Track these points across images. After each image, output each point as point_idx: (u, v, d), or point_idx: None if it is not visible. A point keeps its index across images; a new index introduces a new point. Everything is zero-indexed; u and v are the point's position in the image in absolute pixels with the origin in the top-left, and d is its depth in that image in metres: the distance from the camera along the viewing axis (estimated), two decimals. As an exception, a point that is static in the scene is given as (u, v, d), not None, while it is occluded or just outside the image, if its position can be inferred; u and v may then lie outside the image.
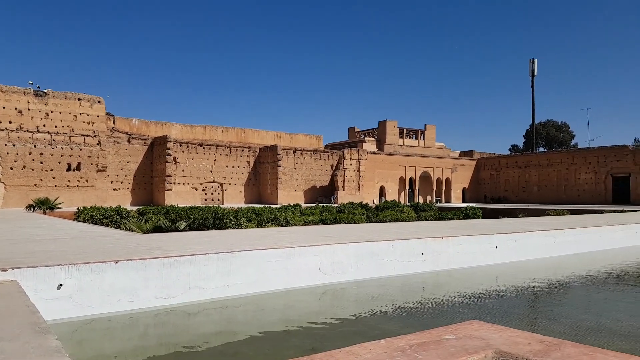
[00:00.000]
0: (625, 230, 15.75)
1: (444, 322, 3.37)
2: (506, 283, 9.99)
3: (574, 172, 47.73)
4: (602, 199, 44.84)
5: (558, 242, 13.24)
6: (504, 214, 30.17)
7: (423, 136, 59.86)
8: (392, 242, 9.84)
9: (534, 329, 6.43)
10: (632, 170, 43.30)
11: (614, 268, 11.88)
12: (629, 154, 43.85)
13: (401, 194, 51.94)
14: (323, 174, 47.69)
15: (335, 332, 6.43)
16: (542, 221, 18.08)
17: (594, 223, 16.52)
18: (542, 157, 52.11)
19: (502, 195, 54.12)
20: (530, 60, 63.02)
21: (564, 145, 75.15)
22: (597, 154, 46.25)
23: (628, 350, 5.38)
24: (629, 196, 43.19)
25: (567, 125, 79.71)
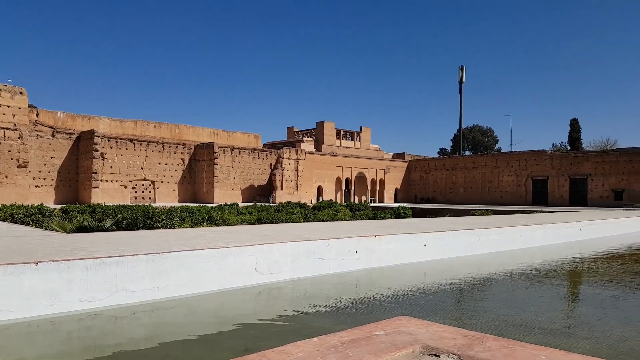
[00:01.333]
0: (543, 229, 16.98)
1: (375, 319, 3.46)
2: (434, 279, 10.44)
3: (497, 175, 50.77)
4: (522, 200, 48.04)
5: (482, 240, 14.03)
6: (432, 213, 31.51)
7: (359, 138, 61.10)
8: (328, 241, 9.96)
9: (459, 323, 6.77)
10: (550, 174, 46.77)
11: (533, 265, 12.76)
12: (547, 159, 47.32)
13: (338, 194, 52.71)
14: (261, 173, 47.32)
15: (270, 332, 6.40)
16: (467, 221, 19.06)
17: (515, 223, 17.67)
18: (468, 160, 54.98)
19: (431, 196, 56.47)
20: (459, 67, 66.23)
21: (489, 149, 79.78)
22: (518, 158, 49.49)
23: (546, 343, 5.80)
24: (547, 198, 46.62)
25: (492, 130, 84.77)
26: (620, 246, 17.67)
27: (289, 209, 24.75)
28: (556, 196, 45.94)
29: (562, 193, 45.65)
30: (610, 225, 21.79)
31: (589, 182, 44.00)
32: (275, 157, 48.01)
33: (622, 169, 41.94)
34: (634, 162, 41.21)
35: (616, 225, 22.36)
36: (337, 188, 52.87)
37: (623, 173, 41.87)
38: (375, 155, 60.16)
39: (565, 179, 45.56)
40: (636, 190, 40.94)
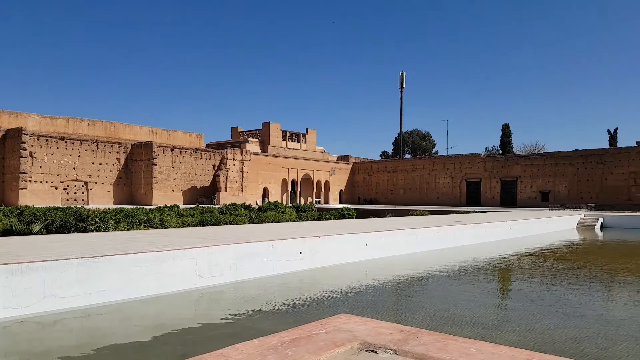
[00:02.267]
0: (475, 228, 17.84)
1: (317, 317, 3.51)
2: (375, 277, 10.69)
3: (434, 177, 52.77)
4: (457, 201, 50.20)
5: (419, 239, 14.54)
6: (374, 214, 32.24)
7: (305, 140, 61.32)
8: (272, 242, 9.94)
9: (397, 319, 6.98)
10: (482, 176, 49.20)
11: (466, 262, 13.37)
12: (480, 162, 49.75)
13: (284, 195, 52.59)
14: (204, 174, 46.27)
15: (209, 336, 6.29)
16: (406, 221, 19.68)
17: (450, 222, 18.44)
18: (408, 163, 56.76)
19: (373, 197, 57.72)
20: (400, 72, 68.10)
21: (427, 152, 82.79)
22: (454, 161, 51.71)
23: (476, 336, 6.11)
24: (480, 199, 48.99)
25: (430, 134, 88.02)
26: (544, 244, 18.92)
27: (233, 210, 24.39)
28: (488, 197, 48.42)
29: (494, 194, 48.18)
30: (536, 224, 23.28)
31: (519, 184, 46.74)
32: (219, 157, 47.12)
33: (548, 171, 44.91)
34: (559, 165, 44.25)
35: (542, 224, 23.92)
36: (283, 189, 52.75)
37: (549, 175, 44.84)
38: (321, 157, 60.64)
39: (497, 181, 48.13)
40: (561, 192, 43.99)
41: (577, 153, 43.52)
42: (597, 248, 19.64)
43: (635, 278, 11.65)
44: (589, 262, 14.36)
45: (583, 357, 5.40)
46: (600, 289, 10.14)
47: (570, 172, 43.66)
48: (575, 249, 18.49)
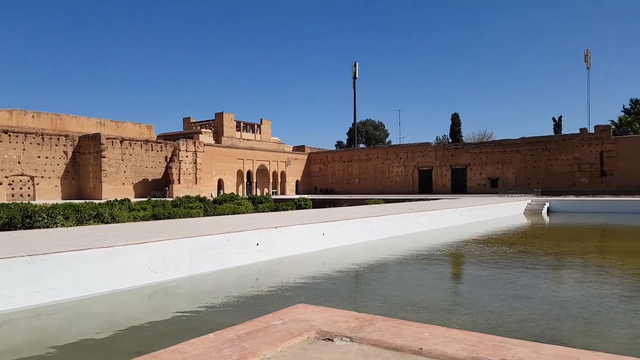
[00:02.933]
0: (427, 216, 18.35)
1: (275, 309, 3.50)
2: (332, 267, 10.81)
3: (388, 166, 53.77)
4: (410, 189, 51.43)
5: (374, 227, 14.80)
6: (331, 204, 32.51)
7: (259, 130, 60.74)
8: (228, 234, 9.82)
9: (354, 307, 7.10)
10: (434, 164, 50.58)
11: (419, 249, 13.75)
12: (431, 150, 51.10)
13: (240, 187, 52.01)
14: (156, 166, 44.97)
15: (165, 332, 6.17)
16: (362, 209, 19.97)
17: (403, 210, 18.88)
18: (362, 152, 57.52)
19: (329, 187, 58.17)
20: (353, 63, 68.54)
21: (380, 142, 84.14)
22: (406, 150, 52.85)
23: (430, 320, 6.31)
24: (432, 186, 50.39)
25: (383, 124, 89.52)
26: (494, 229, 19.74)
27: (187, 203, 23.88)
28: (440, 185, 49.88)
29: (445, 182, 49.67)
30: (486, 210, 24.22)
31: (468, 172, 48.39)
32: (171, 149, 45.91)
33: (497, 159, 46.70)
34: (507, 153, 46.09)
35: (491, 210, 24.91)
36: (238, 181, 52.14)
37: (498, 163, 46.65)
38: (277, 148, 60.31)
39: (448, 169, 49.62)
40: (509, 178, 45.89)
41: (524, 140, 45.45)
42: (543, 232, 20.68)
43: (579, 260, 12.37)
44: (535, 245, 15.11)
45: (531, 337, 5.69)
46: (547, 271, 10.70)
47: (518, 159, 45.56)
48: (523, 233, 19.39)
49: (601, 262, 11.89)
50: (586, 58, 53.79)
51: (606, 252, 14.18)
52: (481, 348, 2.75)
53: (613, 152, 40.46)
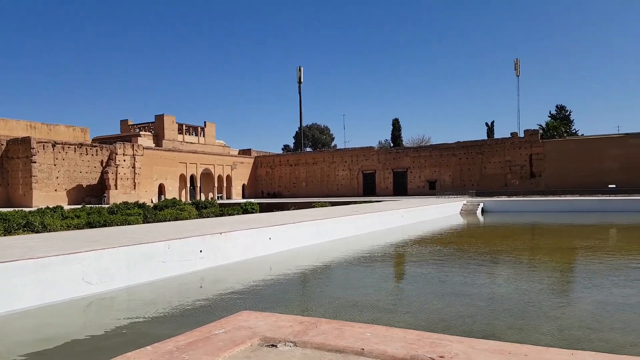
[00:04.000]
0: (371, 217, 18.74)
1: (218, 317, 3.44)
2: (279, 271, 10.77)
3: (334, 170, 54.43)
4: (355, 192, 52.32)
5: (321, 230, 14.92)
6: (278, 207, 32.38)
7: (203, 133, 59.45)
8: (169, 242, 9.53)
9: (300, 311, 7.11)
10: (377, 168, 51.77)
11: (364, 250, 14.01)
12: (374, 154, 52.29)
13: (182, 192, 50.59)
14: (91, 171, 42.82)
15: (100, 347, 5.88)
16: (308, 213, 20.07)
17: (348, 212, 19.16)
18: (309, 156, 57.87)
19: (277, 191, 57.96)
20: (297, 68, 68.75)
21: (326, 146, 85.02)
22: (351, 154, 53.77)
23: (373, 320, 6.44)
24: (375, 189, 51.53)
25: (329, 128, 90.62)
26: (433, 229, 20.47)
27: (125, 210, 22.92)
28: (383, 187, 51.13)
29: (387, 184, 51.00)
30: (425, 211, 25.08)
31: (409, 174, 49.98)
32: (107, 153, 43.90)
33: (434, 162, 48.53)
34: (443, 156, 48.00)
35: (430, 211, 25.83)
36: (181, 186, 50.70)
37: (436, 166, 48.48)
38: (222, 151, 59.27)
39: (390, 172, 50.99)
40: (446, 180, 47.77)
41: (460, 144, 47.54)
42: (478, 231, 21.69)
43: (512, 257, 13.08)
44: (471, 244, 15.82)
45: (467, 333, 5.95)
46: (482, 269, 11.22)
47: (454, 162, 47.57)
48: (459, 233, 20.24)
49: (531, 259, 12.65)
50: (516, 66, 57.08)
51: (535, 249, 15.10)
52: (420, 346, 2.84)
53: (541, 154, 43.18)
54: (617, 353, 4.89)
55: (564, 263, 11.84)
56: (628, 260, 11.57)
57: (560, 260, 12.26)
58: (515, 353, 3.25)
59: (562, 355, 3.38)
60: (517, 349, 3.34)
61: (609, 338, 5.52)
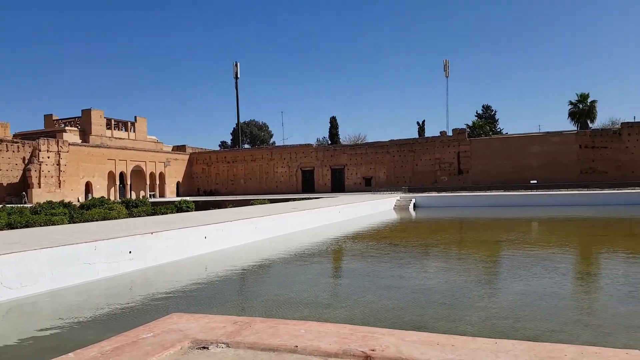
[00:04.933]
0: (310, 214, 18.86)
1: (149, 320, 3.31)
2: (214, 271, 10.57)
3: (273, 166, 54.20)
4: (294, 189, 52.41)
5: (259, 228, 14.80)
6: (215, 205, 31.69)
7: (134, 128, 56.91)
8: (95, 243, 9.06)
9: (235, 310, 7.02)
10: (315, 165, 52.18)
11: (302, 247, 14.07)
12: (313, 152, 52.66)
13: (111, 190, 48.15)
14: (12, 168, 39.64)
15: (20, 354, 5.48)
16: (247, 210, 19.85)
17: (287, 209, 19.16)
18: (247, 153, 57.20)
19: (213, 188, 56.75)
20: (234, 63, 67.60)
21: (265, 142, 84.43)
22: (290, 151, 53.79)
23: (309, 316, 6.49)
24: (314, 186, 51.93)
25: (267, 125, 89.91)
26: (368, 224, 20.96)
27: (49, 209, 21.45)
28: (321, 184, 51.66)
29: (326, 181, 51.60)
30: (361, 207, 25.63)
31: (346, 171, 50.86)
32: (30, 149, 40.86)
33: (370, 159, 49.72)
34: (379, 154, 49.31)
35: (366, 207, 26.43)
36: (110, 184, 48.24)
37: (371, 163, 49.68)
38: (154, 148, 57.02)
39: (328, 169, 51.62)
40: (381, 177, 49.09)
41: (393, 142, 49.03)
42: (410, 226, 22.48)
43: (441, 250, 13.68)
44: (404, 238, 16.37)
45: (399, 325, 6.15)
46: (414, 262, 11.64)
47: (388, 159, 48.99)
48: (393, 228, 20.89)
49: (459, 252, 13.31)
50: (445, 67, 59.64)
51: (463, 242, 15.91)
52: (352, 340, 2.90)
53: (468, 152, 45.50)
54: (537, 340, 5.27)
55: (489, 255, 12.56)
56: (547, 253, 12.47)
57: (485, 252, 12.98)
58: (443, 344, 3.40)
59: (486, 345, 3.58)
60: (445, 340, 3.50)
61: (530, 326, 5.92)
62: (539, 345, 3.65)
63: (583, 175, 40.74)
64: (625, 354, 3.42)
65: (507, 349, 3.46)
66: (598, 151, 40.78)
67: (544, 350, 3.46)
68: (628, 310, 6.51)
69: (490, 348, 3.47)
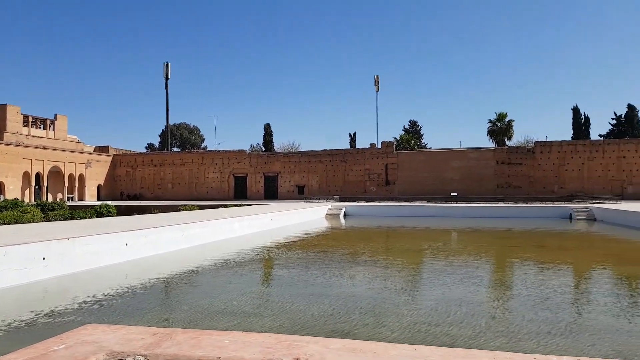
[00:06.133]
0: (241, 221, 18.61)
1: (61, 331, 3.11)
2: (136, 279, 10.09)
3: (204, 172, 52.90)
4: (226, 196, 51.47)
5: (186, 235, 14.37)
6: (140, 210, 30.34)
7: (53, 127, 53.17)
8: (5, 248, 8.37)
9: (157, 321, 6.75)
10: (248, 171, 51.63)
11: (231, 254, 13.82)
12: (246, 158, 52.10)
13: (26, 192, 44.52)
14: None
15: None
16: (174, 216, 19.20)
17: (217, 216, 18.77)
18: (177, 156, 55.40)
19: (139, 193, 54.30)
20: (164, 63, 65.45)
21: (196, 147, 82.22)
22: (222, 156, 52.82)
23: (235, 326, 6.39)
24: (247, 193, 51.32)
25: (199, 129, 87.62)
26: (299, 232, 21.06)
27: (-53, 211, 19.44)
28: (254, 191, 51.18)
29: (259, 188, 51.20)
30: (294, 215, 25.70)
31: (279, 179, 50.82)
32: None
33: (303, 167, 50.10)
34: (312, 163, 49.83)
35: (298, 215, 26.54)
36: (25, 185, 44.58)
37: (304, 171, 50.07)
38: (74, 148, 53.54)
39: (261, 176, 51.29)
40: (314, 186, 49.58)
41: (326, 152, 49.83)
42: (340, 234, 22.86)
43: (368, 258, 14.03)
44: (333, 246, 16.62)
45: (325, 332, 6.22)
46: (342, 270, 11.84)
47: (321, 168, 49.66)
48: (323, 236, 21.15)
49: (385, 259, 13.73)
50: (376, 82, 61.63)
51: (389, 250, 16.44)
52: (277, 349, 2.90)
53: (395, 164, 47.30)
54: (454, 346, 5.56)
55: (412, 263, 13.08)
56: (464, 262, 13.20)
57: (409, 261, 13.50)
58: (365, 350, 3.50)
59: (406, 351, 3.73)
60: (367, 346, 3.60)
61: (448, 332, 6.23)
62: (455, 351, 3.86)
63: (499, 189, 43.68)
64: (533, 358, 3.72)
65: (425, 355, 3.63)
66: (513, 167, 43.93)
67: (459, 356, 3.66)
68: (537, 316, 7.04)
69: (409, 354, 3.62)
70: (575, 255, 14.53)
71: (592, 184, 41.90)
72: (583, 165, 42.31)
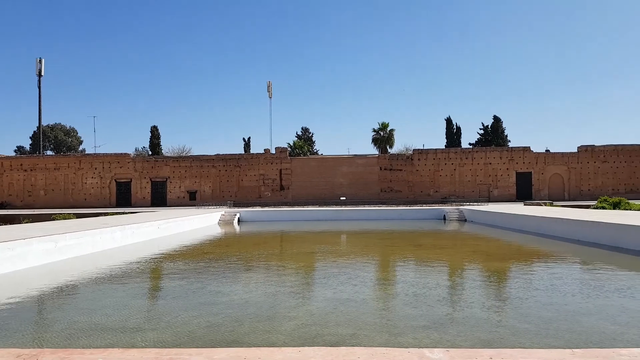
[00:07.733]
0: (123, 230, 17.45)
1: None
2: (1, 297, 8.98)
3: (81, 177, 48.63)
4: (107, 203, 47.84)
5: (60, 246, 13.14)
6: (6, 220, 27.06)
7: None
8: None
9: (23, 342, 6.08)
10: (133, 176, 48.54)
11: (113, 266, 12.90)
12: (130, 162, 48.95)
13: None
14: None
15: None
16: (46, 226, 17.42)
17: (96, 225, 17.40)
18: (50, 160, 50.24)
19: (5, 200, 48.23)
20: (37, 59, 59.19)
21: (73, 150, 75.41)
22: (102, 160, 49.03)
23: (114, 343, 6.00)
24: (131, 199, 48.20)
25: (76, 130, 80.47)
26: (189, 240, 20.35)
27: None
28: (139, 197, 48.24)
29: (145, 194, 48.37)
30: (184, 222, 24.77)
31: (169, 184, 48.51)
32: None
33: (195, 172, 48.45)
34: (204, 167, 48.41)
35: (189, 222, 25.63)
36: None
37: (196, 176, 48.43)
38: None
39: (148, 182, 48.52)
40: (206, 191, 48.20)
41: (219, 157, 48.78)
42: (234, 240, 22.54)
43: (260, 263, 14.02)
44: (226, 253, 16.34)
45: (215, 342, 6.12)
46: (233, 276, 11.70)
47: (214, 173, 48.48)
48: (216, 243, 20.69)
49: (277, 263, 13.86)
50: (268, 88, 61.94)
51: (282, 254, 16.61)
52: (157, 364, 2.82)
53: (289, 170, 47.97)
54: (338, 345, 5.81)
55: (303, 266, 13.36)
56: (351, 262, 13.82)
57: (300, 264, 13.78)
58: (250, 357, 3.53)
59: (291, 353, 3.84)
60: (252, 353, 3.64)
61: (334, 332, 6.48)
62: (337, 350, 4.06)
63: (383, 193, 46.57)
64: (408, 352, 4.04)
65: (309, 356, 3.77)
66: (395, 173, 47.13)
67: (340, 354, 3.87)
68: (415, 312, 7.62)
69: (294, 357, 3.73)
70: (448, 253, 15.97)
71: (463, 187, 46.47)
72: (455, 170, 46.78)
